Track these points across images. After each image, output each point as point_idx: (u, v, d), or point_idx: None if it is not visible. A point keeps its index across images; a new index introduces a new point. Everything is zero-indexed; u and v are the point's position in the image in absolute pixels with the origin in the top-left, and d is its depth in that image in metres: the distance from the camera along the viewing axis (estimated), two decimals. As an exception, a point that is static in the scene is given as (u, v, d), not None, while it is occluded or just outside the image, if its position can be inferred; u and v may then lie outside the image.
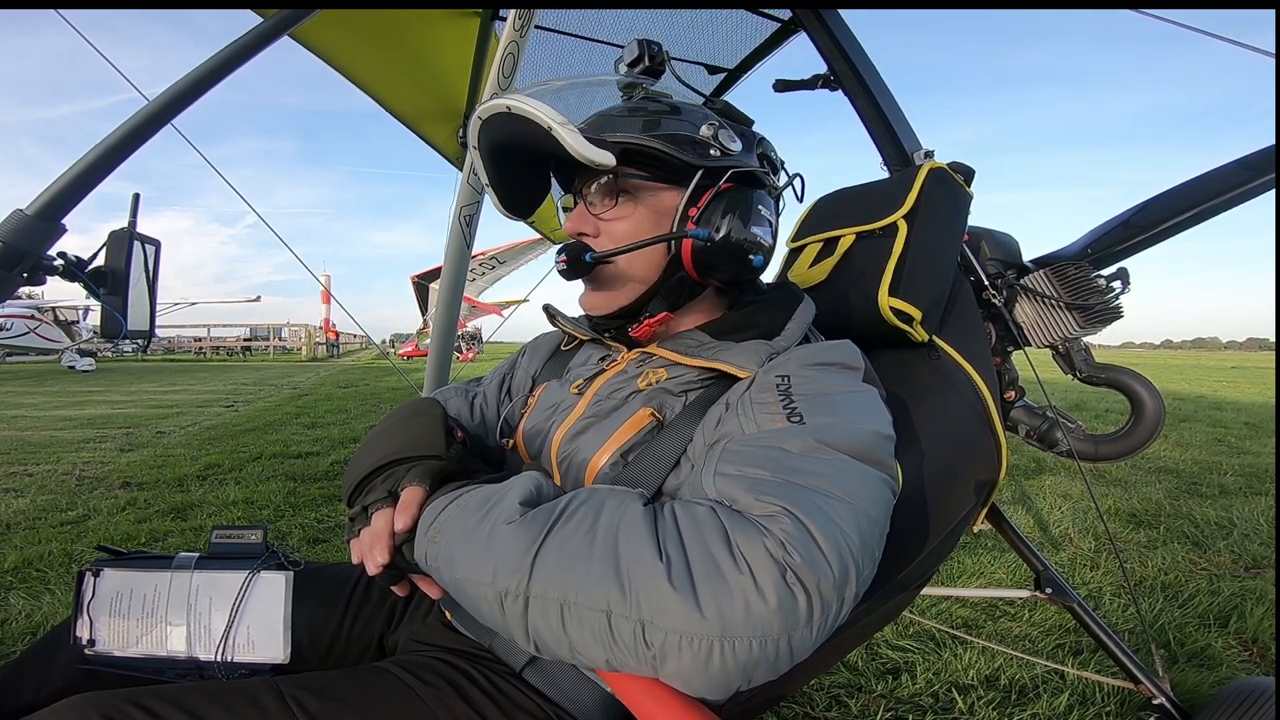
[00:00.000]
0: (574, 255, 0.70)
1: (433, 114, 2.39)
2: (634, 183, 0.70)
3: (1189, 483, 3.38)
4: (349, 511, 0.64)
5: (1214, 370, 19.91)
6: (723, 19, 1.77)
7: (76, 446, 4.22)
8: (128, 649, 0.71)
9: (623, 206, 0.71)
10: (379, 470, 0.63)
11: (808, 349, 0.67)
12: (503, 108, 0.64)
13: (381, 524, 0.58)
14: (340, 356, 24.72)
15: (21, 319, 13.77)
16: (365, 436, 0.71)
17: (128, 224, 0.73)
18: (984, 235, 1.13)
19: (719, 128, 0.70)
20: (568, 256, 0.70)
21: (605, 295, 0.73)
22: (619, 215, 0.71)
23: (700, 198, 0.69)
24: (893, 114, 1.24)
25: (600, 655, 0.45)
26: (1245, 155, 0.95)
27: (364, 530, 0.60)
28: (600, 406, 0.72)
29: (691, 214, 0.69)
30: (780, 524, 0.46)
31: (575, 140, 0.61)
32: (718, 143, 0.70)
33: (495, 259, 17.77)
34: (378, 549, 0.57)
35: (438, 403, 0.73)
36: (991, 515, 1.21)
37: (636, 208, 0.71)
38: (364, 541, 0.59)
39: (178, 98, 0.73)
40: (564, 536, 0.48)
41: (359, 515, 0.62)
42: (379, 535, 0.57)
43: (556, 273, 0.73)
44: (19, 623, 1.67)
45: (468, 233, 1.78)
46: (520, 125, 0.64)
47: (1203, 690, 1.41)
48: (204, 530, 2.46)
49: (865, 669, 1.49)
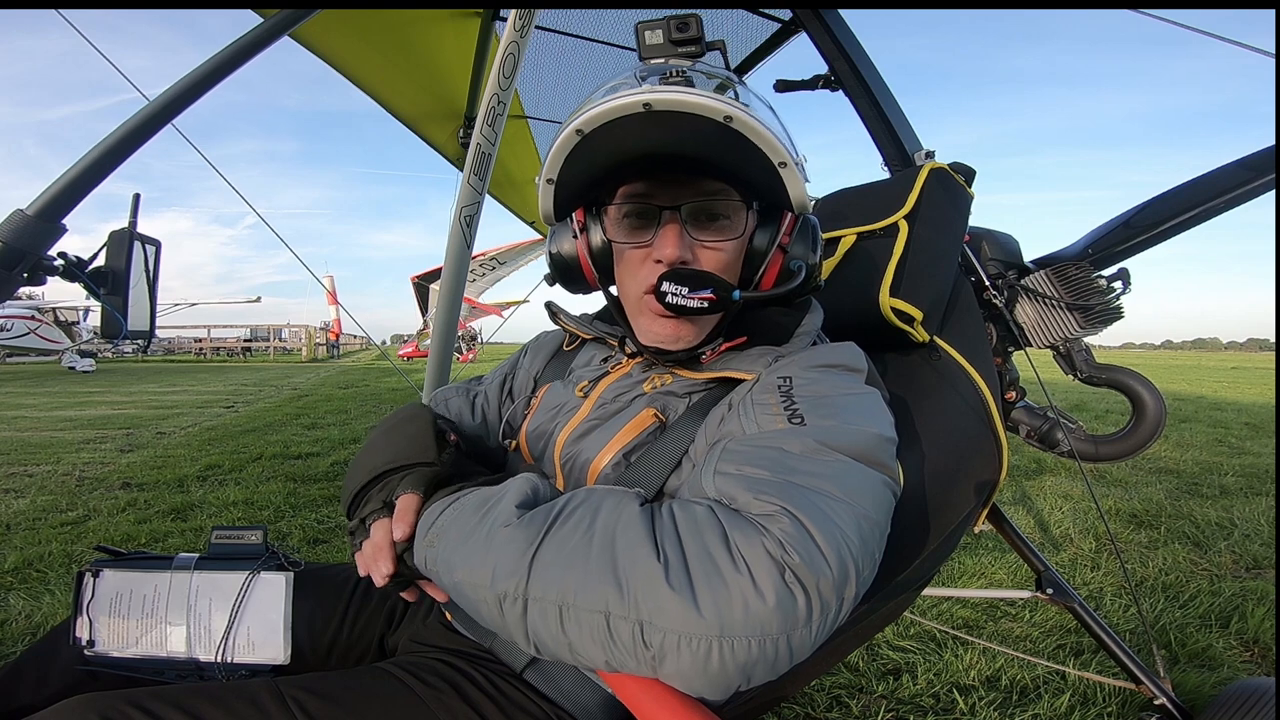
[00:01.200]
0: (724, 294, 0.60)
1: (433, 114, 2.40)
2: (734, 204, 0.64)
3: (1190, 483, 3.38)
4: (349, 525, 0.65)
5: (1214, 371, 19.91)
6: (723, 19, 1.77)
7: (77, 447, 4.22)
8: (127, 650, 0.71)
9: (728, 232, 0.64)
10: (374, 481, 0.64)
11: (811, 351, 0.67)
12: (718, 115, 0.53)
13: (380, 535, 0.59)
14: (340, 357, 24.72)
15: (22, 319, 13.78)
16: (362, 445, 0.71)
17: (128, 224, 0.73)
18: (985, 236, 1.13)
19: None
20: (716, 295, 0.59)
21: (697, 329, 0.67)
22: (720, 244, 0.64)
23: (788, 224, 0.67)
24: (893, 114, 1.24)
25: (600, 656, 0.45)
26: (1245, 156, 0.95)
27: (365, 543, 0.60)
28: (605, 409, 0.71)
29: (783, 242, 0.67)
30: (779, 523, 0.46)
31: (802, 187, 0.56)
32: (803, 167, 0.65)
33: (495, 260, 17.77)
34: (381, 560, 0.58)
35: (428, 408, 0.73)
36: (992, 516, 1.21)
37: (732, 234, 0.64)
38: (366, 554, 0.60)
39: (178, 98, 0.73)
40: (561, 538, 0.48)
41: (358, 528, 0.63)
42: (380, 547, 0.58)
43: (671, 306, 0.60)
44: (19, 623, 1.67)
45: (468, 233, 1.78)
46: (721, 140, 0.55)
47: (1204, 691, 1.40)
48: (204, 531, 2.46)
49: (866, 670, 1.49)
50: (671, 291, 0.60)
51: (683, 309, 0.60)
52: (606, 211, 0.67)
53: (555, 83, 2.30)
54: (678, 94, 0.54)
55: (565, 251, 0.72)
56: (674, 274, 0.61)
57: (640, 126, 0.56)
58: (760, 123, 0.54)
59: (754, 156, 0.56)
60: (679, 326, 0.66)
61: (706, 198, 0.63)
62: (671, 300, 0.60)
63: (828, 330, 0.77)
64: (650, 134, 0.56)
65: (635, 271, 0.66)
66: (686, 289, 0.60)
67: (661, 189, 0.63)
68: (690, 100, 0.54)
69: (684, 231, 0.63)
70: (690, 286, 0.60)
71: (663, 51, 0.68)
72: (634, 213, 0.65)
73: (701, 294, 0.60)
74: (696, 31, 0.67)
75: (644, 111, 0.54)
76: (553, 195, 0.64)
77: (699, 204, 0.63)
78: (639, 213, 0.65)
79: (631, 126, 0.56)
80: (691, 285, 0.60)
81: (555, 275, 0.75)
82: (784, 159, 0.56)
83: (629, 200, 0.65)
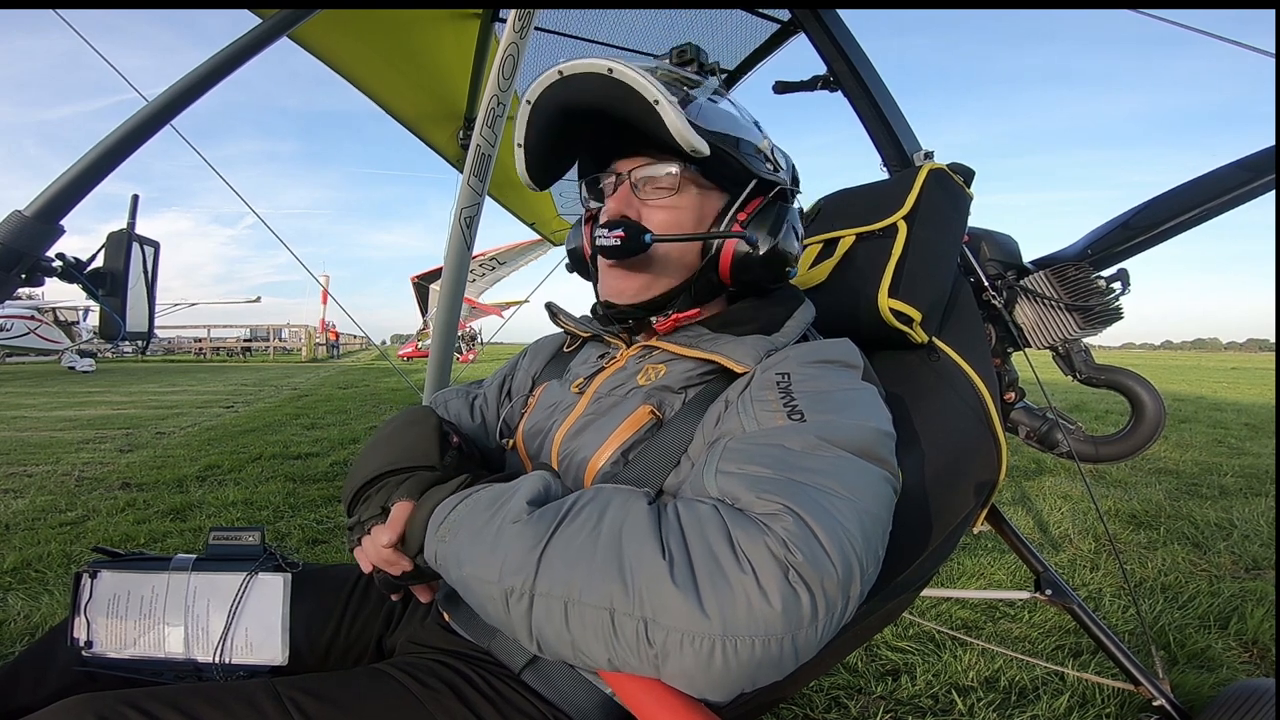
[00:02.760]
0: (633, 233, 0.67)
1: (433, 115, 2.39)
2: (689, 177, 0.70)
3: (1189, 484, 3.38)
4: (348, 521, 0.67)
5: (1214, 371, 19.90)
6: (722, 20, 1.77)
7: (76, 447, 4.22)
8: (125, 650, 0.71)
9: (673, 197, 0.70)
10: (374, 482, 0.66)
11: (807, 346, 0.68)
12: (602, 69, 0.61)
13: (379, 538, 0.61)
14: (340, 357, 24.72)
15: (22, 320, 13.77)
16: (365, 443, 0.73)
17: (126, 225, 0.73)
18: (984, 236, 1.13)
19: (772, 143, 0.73)
20: (625, 233, 0.66)
21: (639, 282, 0.71)
22: (666, 205, 0.70)
23: (748, 205, 0.72)
24: (892, 115, 1.24)
25: (602, 654, 0.45)
26: (1245, 156, 0.95)
27: (365, 541, 0.63)
28: (600, 404, 0.72)
29: (740, 219, 0.71)
30: (782, 522, 0.46)
31: (680, 121, 0.60)
32: (773, 157, 0.73)
33: (495, 260, 17.78)
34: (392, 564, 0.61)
35: (433, 412, 0.74)
36: (991, 516, 1.21)
37: (683, 201, 0.70)
38: (368, 552, 0.63)
39: (177, 98, 0.73)
40: (569, 535, 0.48)
41: (356, 526, 0.65)
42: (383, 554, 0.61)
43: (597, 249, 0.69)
44: (17, 624, 1.67)
45: (468, 234, 1.78)
46: (610, 90, 0.61)
47: (1203, 692, 1.40)
48: (203, 531, 2.45)
49: (865, 670, 1.49)
50: (598, 235, 0.68)
51: (603, 249, 0.67)
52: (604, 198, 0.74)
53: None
54: (579, 60, 0.63)
55: (575, 245, 0.80)
56: (605, 222, 0.69)
57: (558, 88, 0.65)
58: (636, 72, 0.60)
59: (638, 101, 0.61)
60: (620, 278, 0.71)
61: (648, 160, 0.70)
62: (597, 242, 0.68)
63: (826, 330, 0.78)
64: (563, 93, 0.66)
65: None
66: (606, 230, 0.67)
67: (625, 163, 0.72)
68: (584, 62, 0.63)
69: (631, 195, 0.70)
70: (609, 229, 0.67)
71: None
72: (602, 191, 0.74)
73: (615, 232, 0.67)
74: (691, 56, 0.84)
75: (559, 77, 0.64)
76: (524, 157, 0.72)
77: (639, 165, 0.70)
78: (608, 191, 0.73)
79: (554, 89, 0.66)
80: (609, 228, 0.67)
81: (571, 264, 0.83)
82: (655, 97, 0.59)
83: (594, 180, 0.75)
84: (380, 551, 0.61)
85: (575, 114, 0.67)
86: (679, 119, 0.59)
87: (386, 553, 0.60)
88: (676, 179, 0.69)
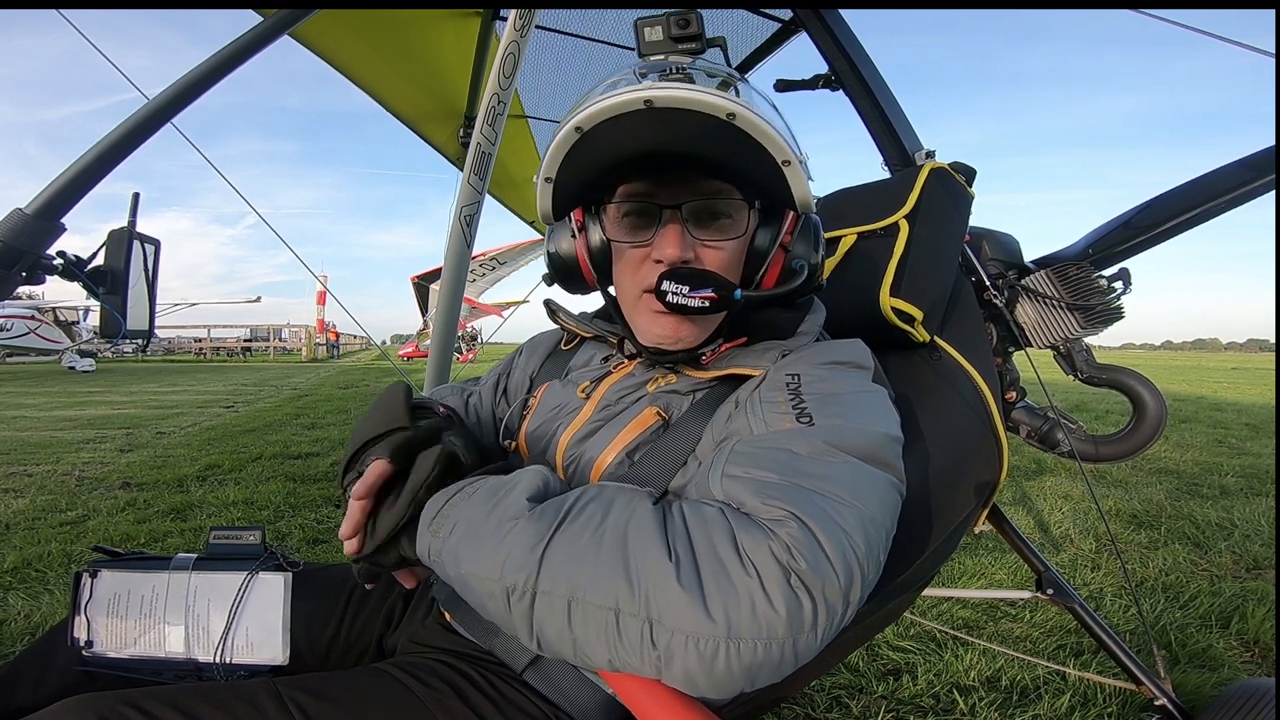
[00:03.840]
0: (726, 294, 0.59)
1: (433, 113, 2.40)
2: (736, 204, 0.63)
3: (1190, 484, 3.38)
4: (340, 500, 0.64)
5: (1214, 371, 19.91)
6: (723, 19, 1.77)
7: (76, 447, 4.22)
8: (125, 650, 0.71)
9: (730, 231, 0.64)
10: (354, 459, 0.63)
11: (819, 347, 0.67)
12: (719, 112, 0.52)
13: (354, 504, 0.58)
14: (340, 357, 24.71)
15: (22, 319, 13.77)
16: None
17: (127, 223, 0.73)
18: (985, 235, 1.13)
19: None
20: (717, 294, 0.58)
21: (698, 329, 0.66)
22: (721, 244, 0.63)
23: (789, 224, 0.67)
24: (894, 114, 1.24)
25: (604, 654, 0.45)
26: (1245, 156, 0.95)
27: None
28: (608, 410, 0.71)
29: (784, 241, 0.67)
30: (787, 528, 0.46)
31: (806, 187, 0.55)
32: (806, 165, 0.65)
33: (495, 260, 17.77)
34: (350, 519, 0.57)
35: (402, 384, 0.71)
36: (993, 516, 1.21)
37: (733, 233, 0.64)
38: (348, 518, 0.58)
39: (177, 97, 0.73)
40: (573, 533, 0.47)
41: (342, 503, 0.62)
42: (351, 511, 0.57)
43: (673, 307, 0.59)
44: (18, 623, 1.67)
45: (468, 233, 1.78)
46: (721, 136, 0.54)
47: (1204, 691, 1.40)
48: (203, 531, 2.45)
49: (866, 670, 1.49)
50: (672, 290, 0.59)
51: (684, 309, 0.59)
52: (606, 210, 0.67)
53: (555, 83, 2.30)
54: (680, 90, 0.53)
55: (564, 251, 0.72)
56: (674, 273, 0.60)
57: (641, 123, 0.55)
58: (764, 120, 0.54)
59: (757, 155, 0.56)
60: (679, 326, 0.65)
61: (708, 197, 0.62)
62: (673, 300, 0.59)
63: (828, 329, 0.77)
64: (651, 131, 0.56)
65: (635, 271, 0.66)
66: (687, 288, 0.59)
67: (662, 188, 0.63)
68: (693, 97, 0.52)
69: (685, 231, 0.62)
70: (691, 285, 0.59)
71: (662, 48, 0.68)
72: (634, 211, 0.64)
73: (703, 293, 0.59)
74: (697, 28, 0.67)
75: (645, 108, 0.53)
76: (551, 194, 0.62)
77: (700, 203, 0.62)
78: (640, 211, 0.64)
79: (632, 124, 0.55)
80: (692, 284, 0.59)
81: (554, 275, 0.75)
82: (788, 157, 0.55)
83: (629, 199, 0.64)
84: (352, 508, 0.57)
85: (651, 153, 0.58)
86: (807, 184, 0.55)
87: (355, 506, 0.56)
88: (747, 219, 0.63)
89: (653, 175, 0.63)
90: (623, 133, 0.56)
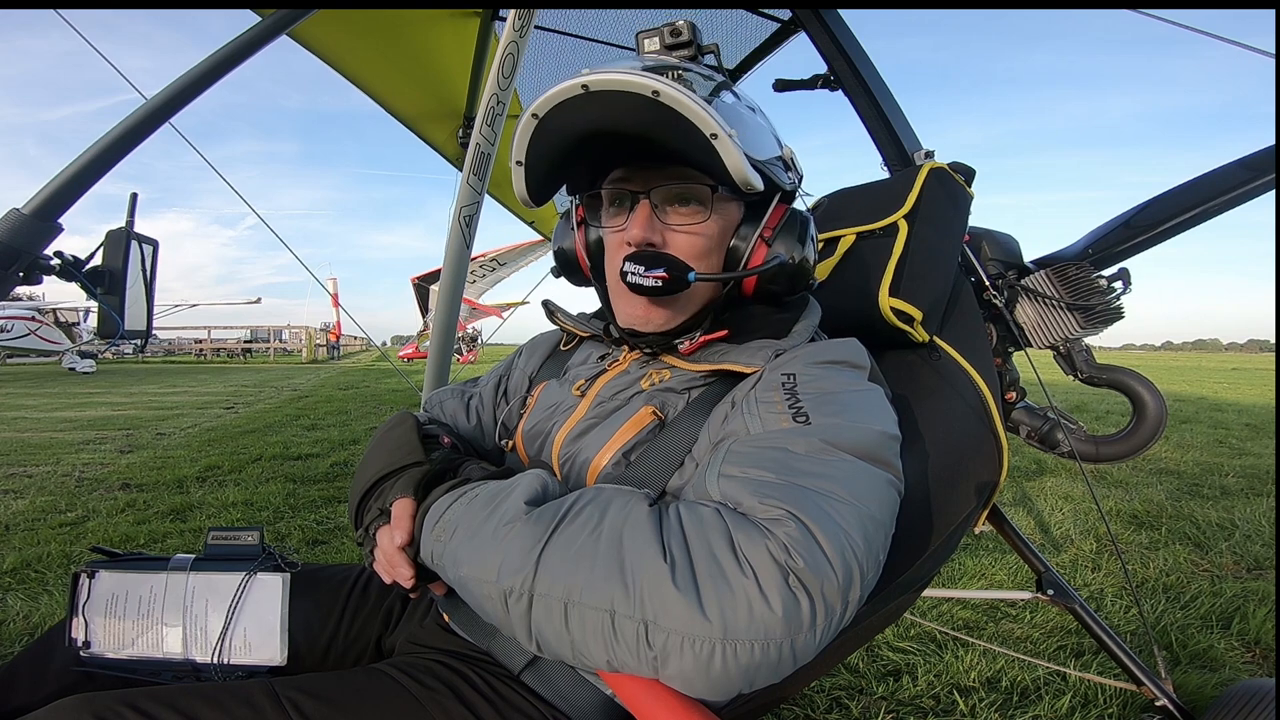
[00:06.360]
0: (677, 273, 0.62)
1: (433, 114, 2.40)
2: (701, 188, 0.65)
3: (1190, 484, 3.37)
4: (357, 536, 0.65)
5: (1215, 372, 19.90)
6: (722, 19, 1.77)
7: (76, 448, 4.22)
8: (123, 651, 0.71)
9: (697, 216, 0.66)
10: (370, 491, 0.65)
11: (815, 346, 0.67)
12: (644, 89, 0.55)
13: (386, 542, 0.59)
14: (340, 358, 24.71)
15: (22, 320, 13.77)
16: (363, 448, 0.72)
17: (125, 223, 0.73)
18: (985, 236, 1.13)
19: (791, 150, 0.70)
20: (668, 274, 0.61)
21: (668, 312, 0.68)
22: (693, 227, 0.66)
23: (771, 217, 0.69)
24: (893, 114, 1.24)
25: (602, 655, 0.45)
26: (1245, 156, 0.95)
27: (375, 551, 0.62)
28: (603, 407, 0.71)
29: (766, 235, 0.68)
30: (784, 527, 0.46)
31: (741, 160, 0.56)
32: (794, 165, 0.69)
33: (495, 261, 17.77)
34: (398, 567, 0.58)
35: (411, 414, 0.74)
36: (993, 517, 1.21)
37: (708, 219, 0.66)
38: (381, 563, 0.61)
39: (176, 96, 0.73)
40: (569, 535, 0.48)
41: (364, 538, 0.64)
42: (390, 555, 0.59)
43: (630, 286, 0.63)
44: (17, 624, 1.67)
45: (467, 234, 1.77)
46: (653, 116, 0.56)
47: (1205, 692, 1.40)
48: (203, 532, 2.45)
49: (866, 671, 1.49)
50: (631, 270, 0.63)
51: (640, 288, 0.63)
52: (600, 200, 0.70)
53: (554, 83, 2.29)
54: (610, 74, 0.56)
55: (566, 245, 0.77)
56: (635, 255, 0.64)
57: (584, 105, 0.58)
58: (689, 97, 0.55)
59: (689, 132, 0.57)
60: (649, 308, 0.67)
61: (674, 181, 0.65)
62: (631, 279, 0.63)
63: (827, 329, 0.77)
64: (590, 113, 0.59)
65: (613, 255, 0.69)
66: (643, 268, 0.62)
67: (639, 175, 0.66)
68: (620, 78, 0.56)
69: (653, 215, 0.65)
70: (646, 266, 0.62)
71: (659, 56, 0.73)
72: (612, 198, 0.69)
73: (655, 273, 0.62)
74: (689, 36, 0.75)
75: (583, 93, 0.57)
76: (523, 176, 0.67)
77: (666, 187, 0.65)
78: (616, 198, 0.68)
79: (575, 107, 0.59)
80: (648, 265, 0.62)
81: (558, 268, 0.79)
82: (714, 130, 0.56)
83: (609, 185, 0.68)
84: (393, 554, 0.58)
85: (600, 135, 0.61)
86: (740, 157, 0.56)
87: (397, 555, 0.58)
88: (710, 202, 0.65)
89: (634, 164, 0.67)
90: (569, 115, 0.60)
